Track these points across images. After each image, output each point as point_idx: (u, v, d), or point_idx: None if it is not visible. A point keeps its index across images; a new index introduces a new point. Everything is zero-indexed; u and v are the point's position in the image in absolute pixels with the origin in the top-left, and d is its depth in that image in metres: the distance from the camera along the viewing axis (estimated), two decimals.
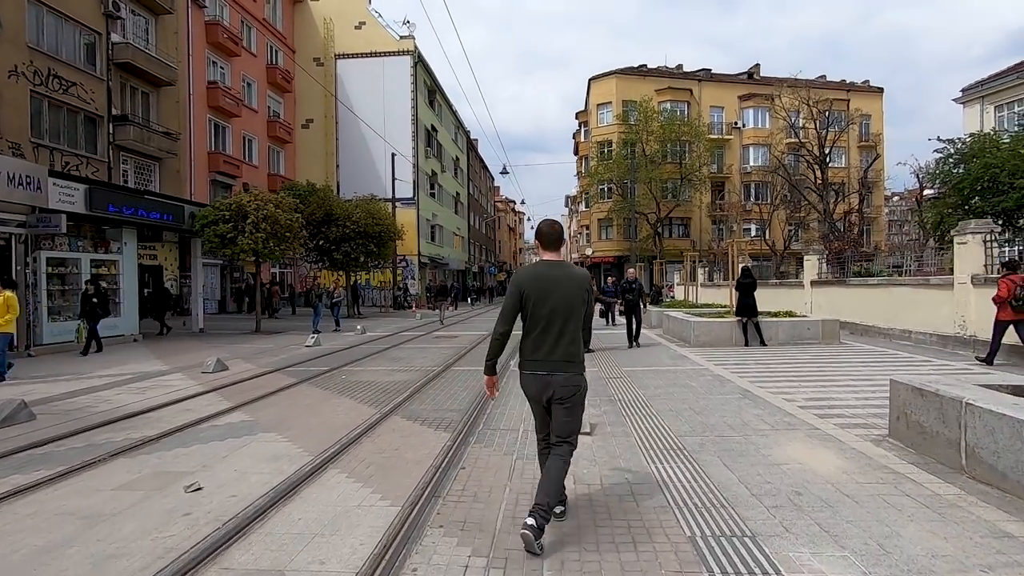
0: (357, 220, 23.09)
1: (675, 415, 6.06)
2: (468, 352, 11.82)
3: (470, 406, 6.55)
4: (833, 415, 5.84)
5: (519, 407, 6.48)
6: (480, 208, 62.34)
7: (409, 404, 6.78)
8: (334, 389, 7.83)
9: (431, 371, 9.29)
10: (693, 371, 8.84)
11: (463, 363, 10.27)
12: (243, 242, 15.12)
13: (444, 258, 41.88)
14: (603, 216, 45.59)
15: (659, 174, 40.08)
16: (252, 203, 15.53)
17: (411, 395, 7.26)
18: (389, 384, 8.17)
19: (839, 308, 14.42)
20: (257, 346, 13.33)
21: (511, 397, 7.04)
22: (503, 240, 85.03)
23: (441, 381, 8.39)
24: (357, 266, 25.07)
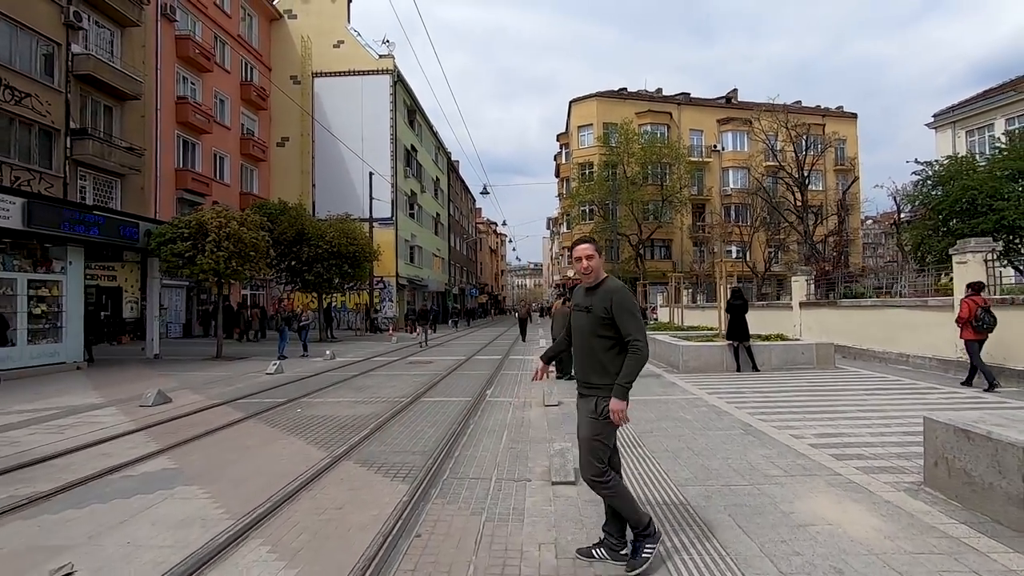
0: (330, 240, 22.19)
1: (672, 457, 5.28)
2: (442, 379, 10.94)
3: (437, 446, 5.69)
4: (851, 456, 5.11)
5: (493, 446, 5.64)
6: (461, 229, 61.76)
7: (367, 445, 5.89)
8: (284, 426, 6.90)
9: (399, 402, 8.40)
10: (686, 401, 8.10)
11: (435, 392, 9.39)
12: (203, 261, 14.12)
13: (423, 279, 40.98)
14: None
15: (640, 196, 39.94)
16: (214, 220, 14.58)
17: (371, 433, 6.37)
18: (348, 419, 7.26)
19: (830, 330, 13.90)
20: (212, 374, 12.27)
21: (484, 435, 6.20)
22: (485, 262, 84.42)
23: (408, 415, 7.51)
24: (331, 287, 24.07)
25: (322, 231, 22.42)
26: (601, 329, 3.07)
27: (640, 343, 2.97)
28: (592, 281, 3.20)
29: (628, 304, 3.05)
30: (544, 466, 5.03)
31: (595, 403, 3.07)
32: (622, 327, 3.00)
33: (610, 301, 3.04)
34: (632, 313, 3.04)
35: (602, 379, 3.05)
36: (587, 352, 3.14)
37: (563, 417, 7.17)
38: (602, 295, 3.10)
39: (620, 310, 3.02)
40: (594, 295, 3.15)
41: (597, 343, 3.09)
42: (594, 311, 3.10)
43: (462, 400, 8.56)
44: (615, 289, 3.12)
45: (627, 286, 3.25)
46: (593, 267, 3.19)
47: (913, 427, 6.05)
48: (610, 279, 3.21)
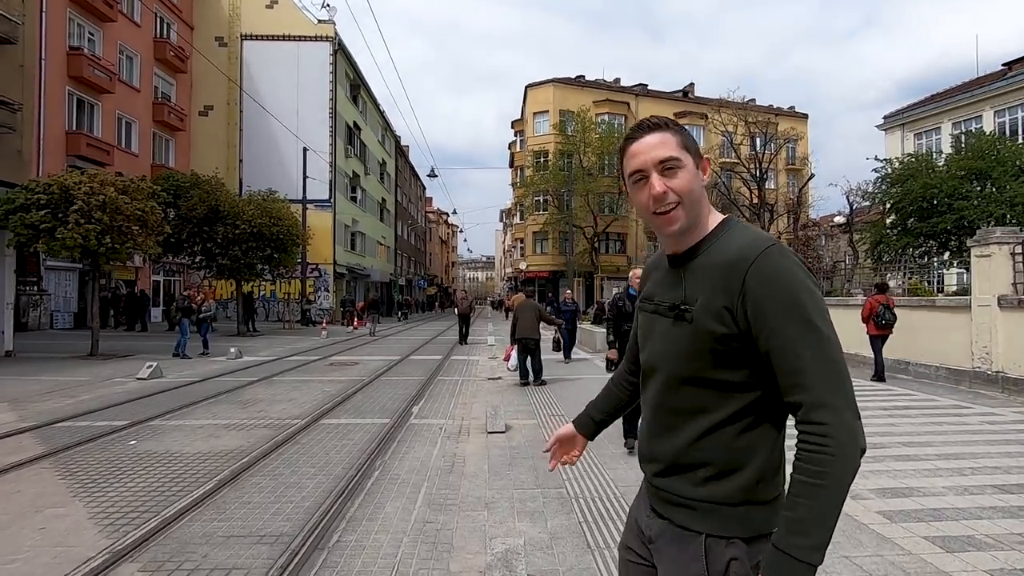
0: (249, 219, 19.30)
1: None
2: (361, 389, 8.68)
3: (307, 521, 3.51)
4: (959, 539, 3.28)
5: (398, 519, 3.49)
6: (410, 218, 58.79)
7: (191, 519, 3.64)
8: (87, 474, 4.52)
9: (287, 427, 6.13)
10: None
11: (345, 410, 7.15)
12: (66, 235, 11.22)
13: (365, 268, 38.08)
14: (538, 229, 43.44)
15: (596, 187, 38.45)
16: (82, 185, 11.67)
17: (213, 490, 4.10)
18: (196, 459, 4.95)
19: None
20: (66, 378, 9.54)
21: (391, 492, 4.04)
22: (435, 252, 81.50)
23: (290, 451, 5.27)
24: (251, 274, 21.14)
25: (240, 209, 19.48)
26: (712, 363, 1.16)
27: (841, 420, 1.02)
28: (682, 228, 1.22)
29: (798, 296, 1.08)
30: (477, 568, 2.95)
31: (701, 553, 1.11)
32: (782, 361, 1.07)
33: (742, 286, 1.11)
34: (810, 322, 1.07)
35: (717, 490, 1.13)
36: (670, 415, 1.23)
37: (511, 455, 5.11)
38: (721, 271, 1.16)
39: (778, 312, 1.08)
40: (695, 272, 1.23)
41: (701, 398, 1.17)
42: (695, 317, 1.17)
43: (376, 423, 6.37)
44: (757, 253, 1.12)
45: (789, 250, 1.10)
46: (682, 193, 1.19)
47: (995, 475, 4.34)
48: (738, 227, 1.24)
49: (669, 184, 1.17)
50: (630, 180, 1.24)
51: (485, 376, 10.11)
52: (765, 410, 1.13)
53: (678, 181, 1.17)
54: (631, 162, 1.22)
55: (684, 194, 1.18)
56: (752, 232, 1.18)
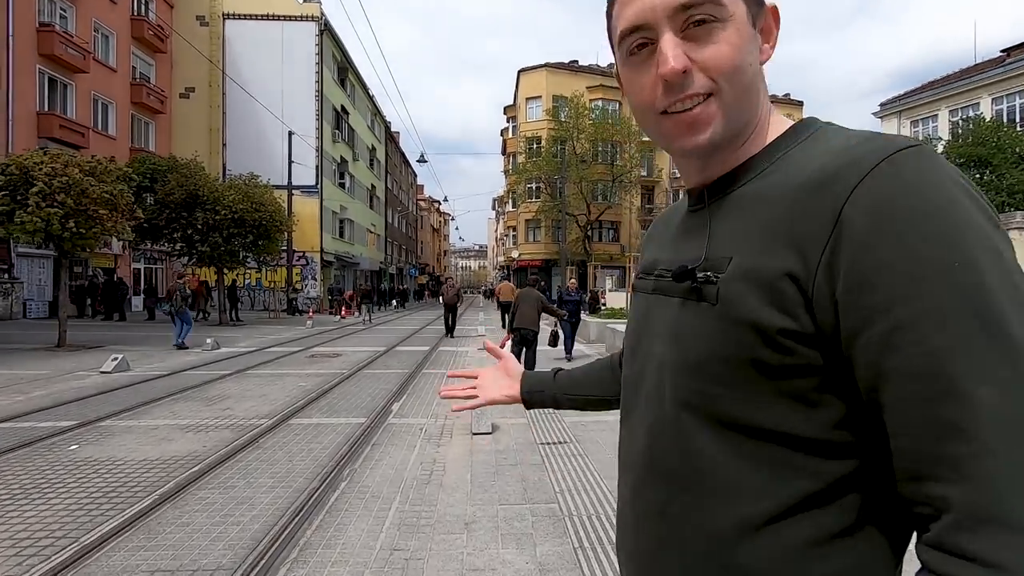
0: (230, 204, 18.55)
1: None
2: (340, 383, 8.11)
3: (254, 547, 2.96)
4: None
5: (362, 543, 2.93)
6: (400, 205, 57.90)
7: (117, 546, 3.07)
8: (3, 489, 3.93)
9: (252, 428, 5.56)
10: None
11: (319, 407, 6.59)
12: (25, 219, 10.50)
13: (355, 256, 37.34)
14: (531, 217, 42.81)
15: (589, 174, 37.83)
16: (43, 166, 10.93)
17: (146, 511, 3.53)
18: (141, 469, 4.37)
19: None
20: (24, 371, 8.88)
21: (357, 508, 3.48)
22: (426, 241, 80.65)
23: (250, 457, 4.70)
24: (235, 261, 20.42)
25: (220, 194, 18.71)
26: (756, 390, 0.60)
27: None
28: (715, 139, 0.65)
29: (970, 254, 0.48)
30: None
31: None
32: (917, 405, 0.48)
33: (833, 229, 0.54)
34: (994, 320, 0.46)
35: None
36: (672, 491, 0.68)
37: (497, 461, 4.58)
38: (788, 204, 0.59)
39: (918, 290, 0.49)
40: (733, 211, 0.68)
41: (734, 463, 0.62)
42: (725, 292, 0.62)
43: (351, 423, 5.81)
44: (873, 163, 0.53)
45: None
46: (721, 70, 0.61)
47: None
48: (829, 131, 0.64)
49: (695, 54, 0.61)
50: (622, 49, 0.67)
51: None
52: (869, 503, 0.58)
53: (714, 49, 0.61)
54: (625, 11, 0.64)
55: (725, 72, 0.61)
56: (858, 134, 0.61)
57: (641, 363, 0.75)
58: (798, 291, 0.57)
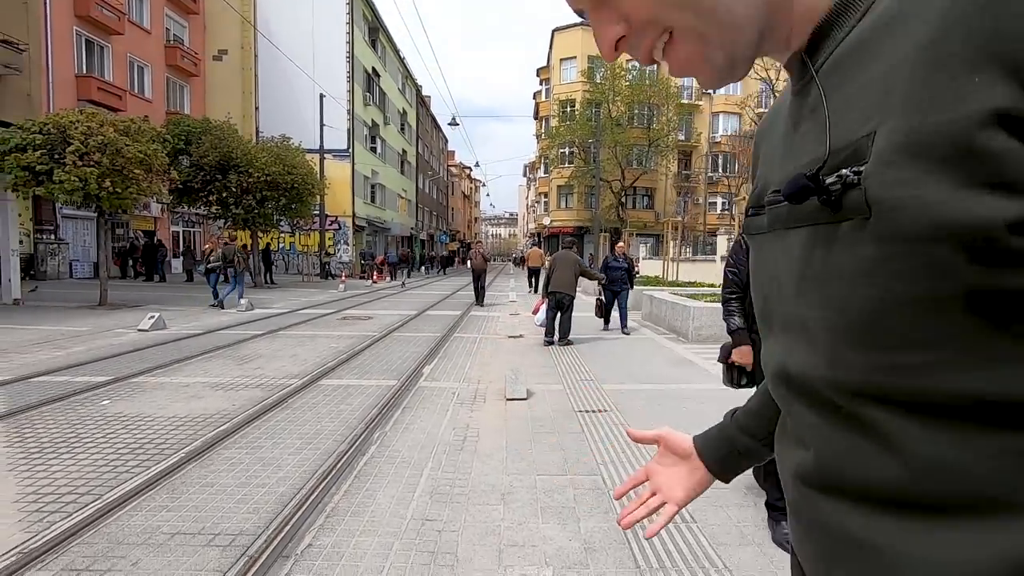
0: (263, 167, 18.52)
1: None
2: (371, 345, 7.98)
3: (276, 515, 2.79)
4: None
5: (391, 512, 2.71)
6: (431, 171, 57.51)
7: (139, 506, 2.94)
8: (34, 443, 3.87)
9: (282, 387, 5.45)
10: (716, 394, 5.34)
11: (349, 369, 6.45)
12: (64, 177, 10.58)
13: (386, 222, 37.37)
14: (563, 183, 41.94)
15: (625, 138, 36.65)
16: (79, 125, 10.95)
17: (171, 470, 3.41)
18: (167, 427, 4.27)
19: None
20: (65, 328, 9.05)
21: (386, 474, 3.28)
22: (456, 207, 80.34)
23: (277, 417, 4.56)
24: (268, 224, 20.54)
25: (252, 157, 18.69)
26: (977, 341, 0.36)
27: None
28: None
29: None
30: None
31: None
32: None
33: None
34: None
35: None
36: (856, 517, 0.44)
37: (533, 428, 4.33)
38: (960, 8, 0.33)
39: None
40: (856, 71, 0.42)
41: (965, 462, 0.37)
42: (878, 187, 0.38)
43: (381, 385, 5.65)
44: None
45: None
46: None
47: None
48: None
49: None
50: None
51: (506, 334, 9.34)
52: None
53: None
54: None
55: None
56: None
57: (783, 344, 0.51)
58: None
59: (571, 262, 8.38)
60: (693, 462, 0.79)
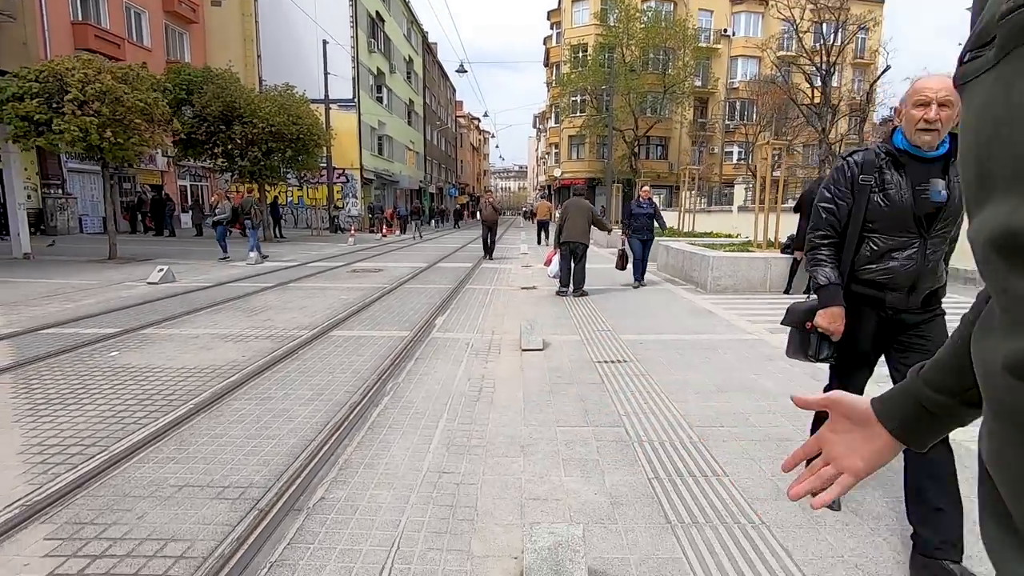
0: (267, 117, 18.04)
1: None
2: (382, 297, 7.84)
3: (287, 467, 2.68)
4: None
5: (405, 466, 2.58)
6: (439, 121, 56.18)
7: (146, 458, 2.85)
8: (41, 394, 3.79)
9: (292, 339, 5.33)
10: (740, 344, 5.15)
11: (360, 320, 6.32)
12: (64, 127, 10.29)
13: (394, 175, 36.79)
14: (574, 133, 40.80)
15: (639, 85, 35.26)
16: (76, 72, 10.56)
17: (180, 421, 3.31)
18: (176, 378, 4.17)
19: None
20: (76, 281, 8.99)
21: (399, 426, 3.15)
22: (465, 160, 78.94)
23: (289, 366, 4.45)
24: (275, 177, 20.22)
25: (256, 107, 18.18)
26: None
27: None
28: None
29: None
30: (510, 552, 2.06)
31: None
32: None
33: None
34: None
35: None
36: None
37: (551, 379, 4.17)
38: None
39: None
40: None
41: None
42: None
43: (394, 336, 5.51)
44: None
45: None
46: None
47: None
48: None
49: None
50: None
51: (519, 285, 9.15)
52: None
53: None
54: None
55: None
56: None
57: (1011, 203, 0.40)
58: None
59: (584, 209, 8.08)
60: (870, 428, 0.68)
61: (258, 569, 1.97)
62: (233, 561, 1.98)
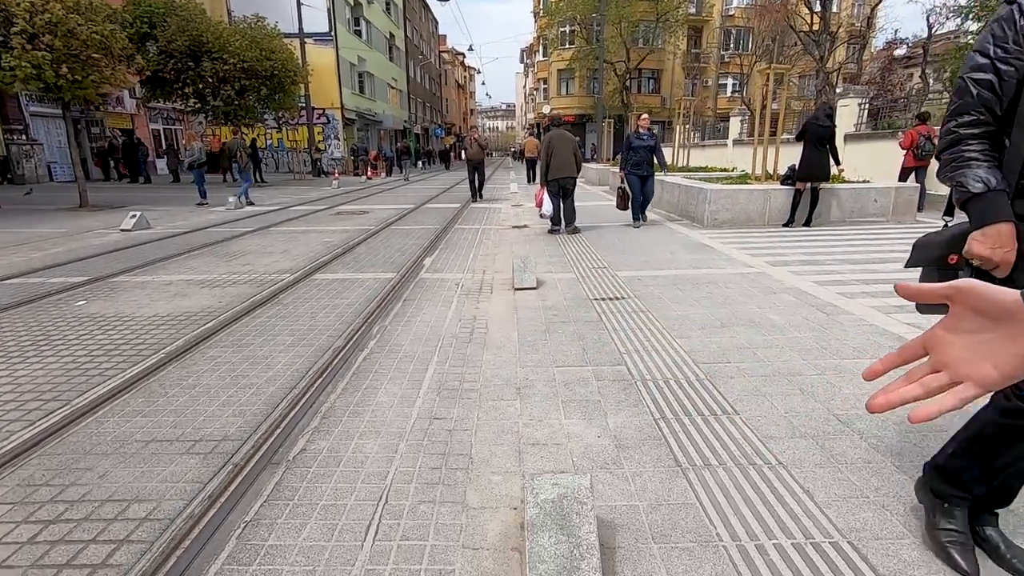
0: (238, 52, 16.96)
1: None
2: (367, 240, 7.52)
3: (265, 418, 2.47)
4: None
5: (392, 414, 2.38)
6: (421, 56, 53.65)
7: (111, 411, 2.62)
8: (0, 347, 3.54)
9: (272, 283, 5.06)
10: (741, 278, 4.95)
11: (344, 263, 6.03)
12: (14, 63, 9.51)
13: (376, 114, 35.36)
14: (564, 66, 39.15)
15: (630, 13, 33.54)
16: (22, 2, 9.65)
17: (150, 372, 3.08)
18: (147, 327, 3.91)
19: (889, 169, 10.65)
20: (43, 230, 8.55)
21: (387, 370, 2.95)
22: (451, 98, 76.12)
23: (269, 311, 4.20)
24: (251, 118, 19.27)
25: (226, 41, 17.04)
26: None
27: None
28: None
29: None
30: (508, 502, 1.89)
31: None
32: None
33: None
34: None
35: None
36: None
37: (547, 318, 3.96)
38: None
39: None
40: None
41: None
42: None
43: (379, 278, 5.25)
44: None
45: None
46: None
47: None
48: None
49: None
50: None
51: (509, 224, 8.84)
52: None
53: None
54: None
55: None
56: None
57: None
58: None
59: (568, 140, 7.65)
60: (1018, 324, 0.49)
61: (231, 529, 1.78)
62: (204, 521, 1.79)
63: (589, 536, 1.49)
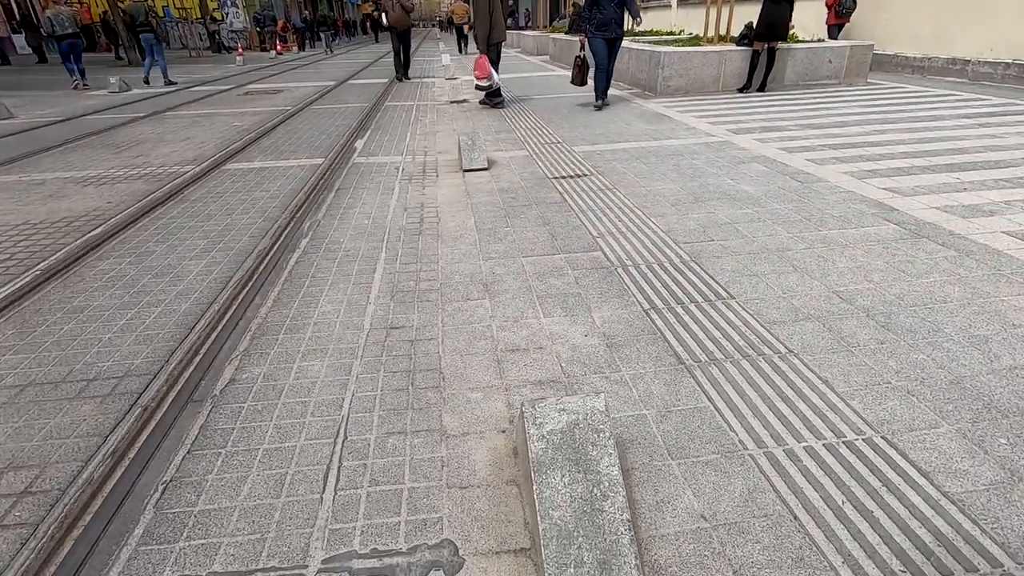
0: None
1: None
2: (285, 121, 6.53)
3: (166, 359, 1.99)
4: None
5: (338, 335, 1.98)
6: None
7: None
8: None
9: (173, 176, 4.26)
10: (706, 148, 4.59)
11: (258, 149, 5.19)
12: None
13: None
14: None
15: None
16: None
17: (5, 307, 2.46)
18: (14, 238, 3.18)
19: (813, 28, 10.20)
20: None
21: (326, 274, 2.47)
22: None
23: (172, 211, 3.51)
24: None
25: None
26: None
27: None
28: None
29: None
30: (495, 424, 1.57)
31: None
32: None
33: None
34: None
35: None
36: None
37: (505, 202, 3.51)
38: None
39: None
40: None
41: None
42: None
43: (305, 164, 4.54)
44: None
45: None
46: None
47: None
48: None
49: None
50: None
51: (447, 99, 7.95)
52: None
53: None
54: None
55: None
56: None
57: None
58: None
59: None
60: None
61: (146, 495, 1.39)
62: (107, 489, 1.39)
63: (611, 471, 1.20)
